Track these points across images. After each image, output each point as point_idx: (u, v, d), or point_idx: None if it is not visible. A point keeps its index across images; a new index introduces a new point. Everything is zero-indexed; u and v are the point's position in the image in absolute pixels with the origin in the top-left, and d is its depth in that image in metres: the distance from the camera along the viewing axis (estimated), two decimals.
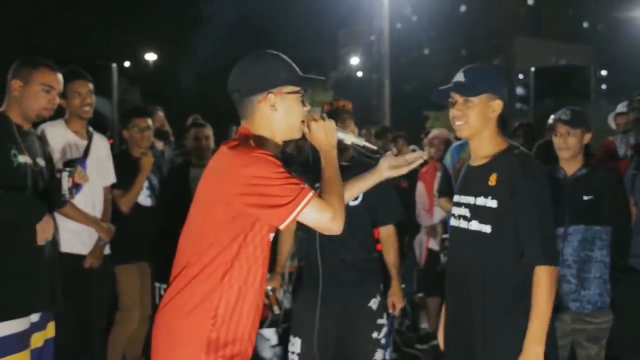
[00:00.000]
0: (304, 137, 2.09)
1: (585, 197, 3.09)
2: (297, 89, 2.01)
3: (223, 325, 1.90)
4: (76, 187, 3.03)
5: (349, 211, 2.83)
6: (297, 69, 2.03)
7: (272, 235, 2.02)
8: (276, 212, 1.83)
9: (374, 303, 3.20)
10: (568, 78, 5.64)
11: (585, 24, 59.95)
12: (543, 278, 2.14)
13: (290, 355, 3.17)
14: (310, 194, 1.85)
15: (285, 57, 2.03)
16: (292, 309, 3.26)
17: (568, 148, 3.12)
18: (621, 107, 4.70)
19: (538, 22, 57.80)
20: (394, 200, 3.32)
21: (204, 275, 1.90)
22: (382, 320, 3.22)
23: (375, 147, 2.35)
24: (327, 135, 2.05)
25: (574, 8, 58.26)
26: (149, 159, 4.00)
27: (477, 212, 2.27)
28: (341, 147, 2.32)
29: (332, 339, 3.14)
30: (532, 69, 5.82)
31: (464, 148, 4.23)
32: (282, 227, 1.88)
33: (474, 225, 2.27)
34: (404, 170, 2.32)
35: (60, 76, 2.92)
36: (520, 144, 5.09)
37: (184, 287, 1.93)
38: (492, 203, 2.21)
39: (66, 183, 2.92)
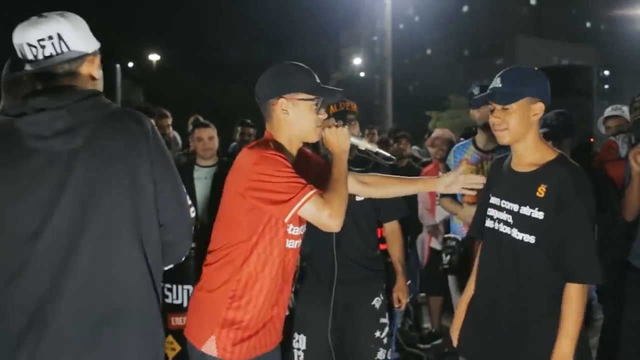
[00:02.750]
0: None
1: None
2: (311, 97, 2.20)
3: (240, 306, 2.15)
4: None
5: (355, 207, 2.88)
6: (317, 79, 2.22)
7: (293, 227, 2.20)
8: (278, 207, 2.03)
9: (377, 302, 3.22)
10: (570, 78, 5.63)
11: (588, 24, 59.89)
12: (575, 296, 2.13)
13: (295, 352, 3.16)
14: (311, 192, 2.02)
15: (306, 67, 2.23)
16: (295, 306, 3.27)
17: None
18: (610, 111, 4.71)
19: (540, 22, 57.77)
20: (398, 197, 3.33)
21: (227, 260, 2.16)
22: (385, 320, 3.23)
23: (387, 154, 2.48)
24: (339, 141, 2.26)
25: (577, 8, 58.20)
26: None
27: (521, 221, 2.23)
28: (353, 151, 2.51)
29: (335, 337, 3.14)
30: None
31: (466, 148, 4.23)
32: (286, 220, 2.07)
33: (516, 233, 2.24)
34: (456, 190, 2.50)
35: None
36: None
37: (211, 269, 2.21)
38: (539, 215, 2.17)
39: None
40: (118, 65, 5.37)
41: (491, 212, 2.36)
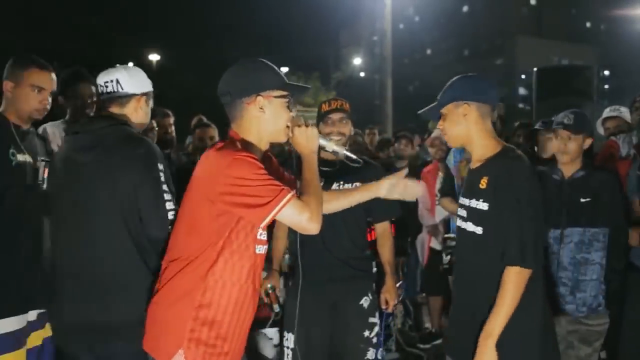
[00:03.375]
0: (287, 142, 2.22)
1: (582, 200, 3.06)
2: (285, 93, 2.14)
3: (208, 317, 2.02)
4: None
5: None
6: (284, 76, 2.17)
7: (262, 232, 2.11)
8: (256, 211, 1.94)
9: (365, 301, 3.18)
10: (570, 78, 5.63)
11: (588, 24, 59.90)
12: (510, 278, 2.16)
13: (285, 350, 3.16)
14: (289, 195, 1.95)
15: (272, 64, 2.17)
16: (285, 304, 3.26)
17: (567, 153, 3.10)
18: (608, 112, 4.71)
19: (540, 22, 57.76)
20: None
21: (190, 269, 2.03)
22: (374, 319, 3.20)
23: (354, 156, 2.50)
24: (308, 141, 2.18)
25: (577, 8, 58.19)
26: None
27: (472, 214, 2.34)
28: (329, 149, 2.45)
29: (325, 336, 3.13)
30: (535, 69, 5.82)
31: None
32: (262, 225, 2.01)
33: (470, 226, 2.35)
34: (396, 196, 2.47)
35: (52, 75, 2.85)
36: (520, 143, 5.12)
37: (171, 279, 2.06)
38: (483, 206, 2.27)
39: (42, 172, 2.88)
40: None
41: (458, 210, 2.49)
